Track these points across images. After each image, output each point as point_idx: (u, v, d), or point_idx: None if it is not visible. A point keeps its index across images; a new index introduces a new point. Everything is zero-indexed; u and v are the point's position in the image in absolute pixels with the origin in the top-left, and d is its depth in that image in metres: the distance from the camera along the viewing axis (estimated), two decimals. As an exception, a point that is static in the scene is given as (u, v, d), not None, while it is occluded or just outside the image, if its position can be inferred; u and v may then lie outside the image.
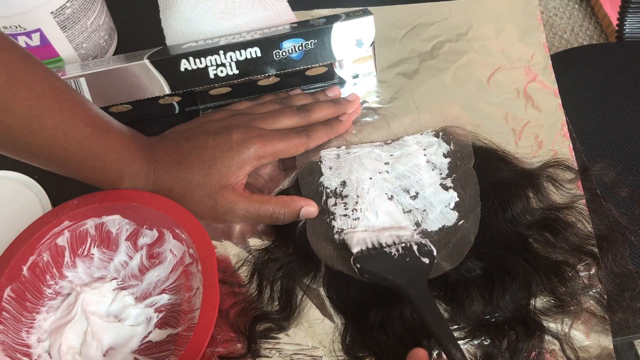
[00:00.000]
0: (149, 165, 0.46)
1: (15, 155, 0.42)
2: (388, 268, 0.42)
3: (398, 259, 0.43)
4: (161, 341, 0.44)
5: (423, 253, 0.43)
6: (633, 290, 0.43)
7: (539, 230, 0.46)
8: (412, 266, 0.43)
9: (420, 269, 0.43)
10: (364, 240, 0.45)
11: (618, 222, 0.46)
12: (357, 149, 0.52)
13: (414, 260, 0.43)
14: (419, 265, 0.43)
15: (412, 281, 0.41)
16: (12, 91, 0.38)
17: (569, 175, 0.49)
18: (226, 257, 0.48)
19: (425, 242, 0.44)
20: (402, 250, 0.43)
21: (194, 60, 0.52)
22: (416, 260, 0.43)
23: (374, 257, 0.43)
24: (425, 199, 0.48)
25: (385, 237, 0.45)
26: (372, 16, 0.53)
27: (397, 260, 0.43)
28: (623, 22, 1.00)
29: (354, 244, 0.44)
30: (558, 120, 0.54)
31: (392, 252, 0.43)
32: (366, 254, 0.44)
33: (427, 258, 0.43)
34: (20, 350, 0.42)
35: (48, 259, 0.45)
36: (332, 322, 0.45)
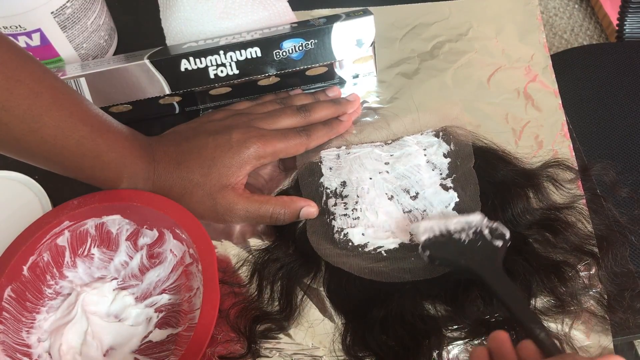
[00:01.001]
0: (148, 165, 0.46)
1: (14, 154, 0.42)
2: (459, 253, 0.42)
3: (469, 244, 0.42)
4: (161, 341, 0.44)
5: (495, 236, 0.42)
6: (633, 290, 0.43)
7: (539, 230, 0.46)
8: (484, 250, 0.42)
9: (492, 252, 0.42)
10: (431, 228, 0.44)
11: (618, 222, 0.46)
12: (357, 149, 0.52)
13: (486, 244, 0.42)
14: (491, 249, 0.42)
15: (485, 264, 0.41)
16: (10, 90, 0.38)
17: (569, 175, 0.49)
18: (226, 257, 0.48)
19: (496, 226, 0.43)
20: (473, 235, 0.43)
21: (194, 60, 0.52)
22: (488, 244, 0.42)
23: (443, 243, 0.43)
24: (425, 199, 0.48)
25: (454, 223, 0.44)
26: (372, 16, 0.53)
27: (467, 245, 0.42)
28: (623, 22, 1.00)
29: (421, 232, 0.44)
30: (558, 120, 0.54)
31: (462, 238, 0.43)
32: (435, 241, 0.43)
33: (500, 240, 0.42)
34: (21, 350, 0.42)
35: (48, 259, 0.45)
36: (332, 322, 0.45)
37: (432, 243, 0.43)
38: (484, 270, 0.40)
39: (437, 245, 0.43)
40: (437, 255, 0.43)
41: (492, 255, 0.42)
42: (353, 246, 0.46)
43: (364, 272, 0.45)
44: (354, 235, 0.47)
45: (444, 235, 0.44)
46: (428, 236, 0.44)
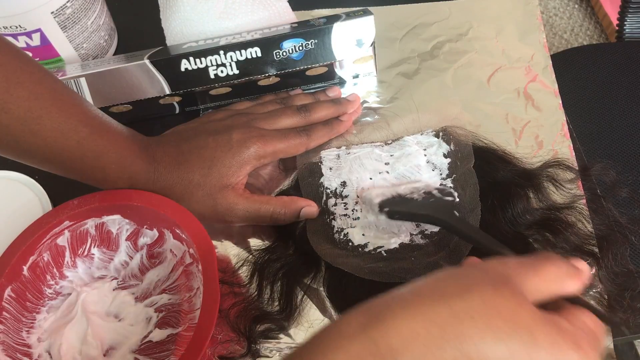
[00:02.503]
0: (149, 165, 0.46)
1: (14, 156, 0.42)
2: (416, 207, 0.44)
3: (422, 201, 0.45)
4: (161, 341, 0.44)
5: (445, 194, 0.46)
6: (633, 290, 0.43)
7: (539, 230, 0.46)
8: (438, 204, 0.45)
9: (446, 205, 0.45)
10: (382, 193, 0.46)
11: (618, 222, 0.46)
12: (357, 149, 0.52)
13: (438, 200, 0.45)
14: (444, 203, 0.45)
15: (443, 211, 0.43)
16: (9, 92, 0.38)
17: (569, 175, 0.49)
18: (226, 257, 0.48)
19: (444, 185, 0.46)
20: (424, 194, 0.45)
21: (194, 60, 0.52)
22: (440, 200, 0.45)
23: (399, 202, 0.45)
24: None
25: (402, 189, 0.46)
26: (372, 16, 0.53)
27: (421, 201, 0.45)
28: (623, 22, 1.00)
29: (374, 196, 0.46)
30: (558, 120, 0.54)
31: (414, 197, 0.45)
32: (391, 200, 0.45)
33: (450, 197, 0.45)
34: (21, 350, 0.42)
35: (48, 259, 0.45)
36: (332, 322, 0.45)
37: (388, 202, 0.45)
38: (444, 215, 0.43)
39: (393, 203, 0.45)
40: (395, 210, 0.44)
41: (445, 206, 0.45)
42: (353, 246, 0.46)
43: (364, 272, 0.45)
44: (354, 235, 0.47)
45: (396, 197, 0.46)
46: (381, 199, 0.45)
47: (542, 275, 0.30)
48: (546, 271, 0.30)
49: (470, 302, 0.27)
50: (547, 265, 0.31)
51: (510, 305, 0.28)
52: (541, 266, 0.30)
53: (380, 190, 0.47)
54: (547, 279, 0.30)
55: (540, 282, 0.30)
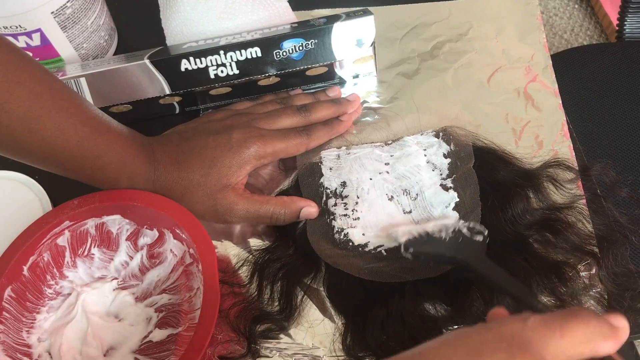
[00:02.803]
0: (149, 165, 0.46)
1: (14, 156, 0.42)
2: (443, 248, 0.43)
3: (450, 241, 0.43)
4: (161, 341, 0.44)
5: (474, 233, 0.44)
6: (634, 290, 0.43)
7: (539, 231, 0.46)
8: (465, 245, 0.43)
9: (474, 245, 0.43)
10: (409, 231, 0.45)
11: (618, 222, 0.46)
12: (357, 149, 0.52)
13: (467, 240, 0.43)
14: (472, 243, 0.43)
15: (470, 254, 0.42)
16: (10, 92, 0.38)
17: (569, 175, 0.49)
18: (226, 257, 0.48)
19: (474, 225, 0.44)
20: (452, 234, 0.44)
21: (195, 60, 0.52)
22: (469, 241, 0.43)
23: (425, 241, 0.43)
24: (425, 199, 0.48)
25: (431, 226, 0.45)
26: (372, 16, 0.53)
27: (449, 242, 0.43)
28: (623, 22, 1.00)
29: (400, 235, 0.44)
30: (558, 120, 0.54)
31: (442, 237, 0.44)
32: (417, 239, 0.44)
33: (480, 236, 0.44)
34: (21, 350, 0.42)
35: (48, 259, 0.45)
36: (332, 322, 0.45)
37: (414, 242, 0.44)
38: (470, 259, 0.41)
39: (419, 243, 0.44)
40: (421, 251, 0.43)
41: (475, 247, 0.43)
42: (353, 246, 0.46)
43: (364, 272, 0.45)
44: (354, 236, 0.47)
45: (423, 236, 0.44)
46: (408, 238, 0.44)
47: (569, 337, 0.27)
48: (574, 332, 0.27)
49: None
50: (575, 325, 0.27)
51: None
52: (569, 326, 0.27)
53: (407, 228, 0.45)
54: (575, 341, 0.27)
55: (567, 345, 0.27)
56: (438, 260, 0.43)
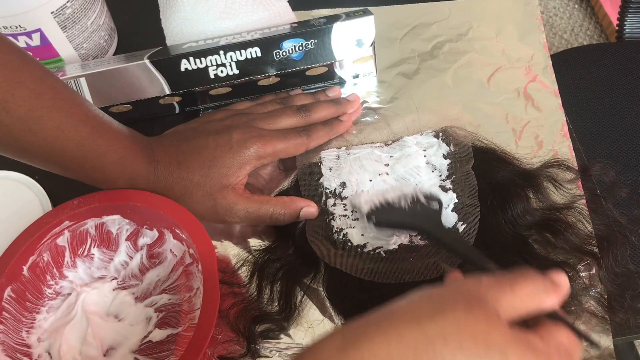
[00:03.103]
0: (149, 165, 0.46)
1: (15, 155, 0.42)
2: (403, 216, 0.46)
3: (410, 210, 0.46)
4: (161, 341, 0.44)
5: (431, 200, 0.46)
6: (634, 290, 0.43)
7: (539, 231, 0.46)
8: (424, 212, 0.46)
9: (431, 213, 0.46)
10: (370, 200, 0.47)
11: (618, 222, 0.46)
12: (357, 150, 0.52)
13: (425, 209, 0.46)
14: (430, 211, 0.46)
15: (428, 221, 0.45)
16: (10, 92, 0.38)
17: (569, 175, 0.49)
18: (226, 257, 0.48)
19: (430, 193, 0.47)
20: (411, 203, 0.46)
21: (194, 60, 0.52)
22: (426, 209, 0.46)
23: (387, 210, 0.46)
24: (425, 199, 0.48)
25: (390, 196, 0.47)
26: (372, 16, 0.53)
27: (409, 210, 0.46)
28: (623, 22, 1.00)
29: (362, 202, 0.47)
30: (558, 120, 0.54)
31: (402, 206, 0.46)
32: (379, 209, 0.46)
33: (436, 203, 0.46)
34: (21, 350, 0.42)
35: (48, 259, 0.45)
36: (332, 322, 0.45)
37: (377, 211, 0.46)
38: (429, 226, 0.44)
39: (381, 213, 0.46)
40: (382, 220, 0.46)
41: (432, 214, 0.46)
42: (352, 246, 0.46)
43: (362, 272, 0.45)
44: (353, 236, 0.47)
45: (384, 205, 0.46)
46: (370, 207, 0.46)
47: (518, 293, 0.30)
48: (522, 288, 0.30)
49: (442, 324, 0.28)
50: (522, 282, 0.30)
51: (483, 326, 0.28)
52: (517, 283, 0.30)
53: (369, 197, 0.47)
54: (522, 296, 0.30)
55: (516, 300, 0.30)
56: (399, 228, 0.46)
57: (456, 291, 0.30)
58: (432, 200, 0.46)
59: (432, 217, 0.45)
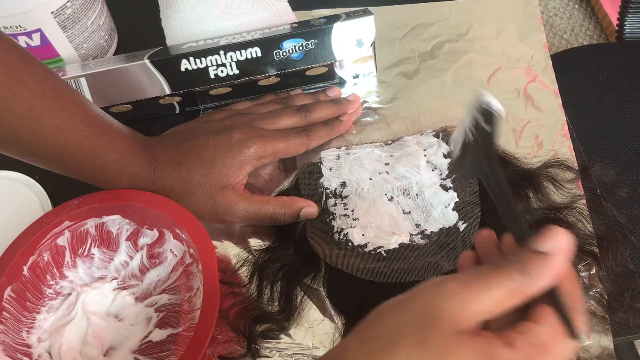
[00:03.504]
0: (149, 165, 0.46)
1: (15, 154, 0.42)
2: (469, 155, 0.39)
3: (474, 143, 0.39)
4: (161, 341, 0.44)
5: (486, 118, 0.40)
6: (633, 290, 0.43)
7: (539, 231, 0.46)
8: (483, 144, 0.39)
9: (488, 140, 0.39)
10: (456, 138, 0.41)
11: (618, 222, 0.46)
12: (357, 149, 0.52)
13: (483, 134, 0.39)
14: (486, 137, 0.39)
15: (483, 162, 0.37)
16: (12, 90, 0.38)
17: (569, 175, 0.49)
18: (226, 257, 0.48)
19: (484, 104, 0.40)
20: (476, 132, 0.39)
21: (195, 60, 0.52)
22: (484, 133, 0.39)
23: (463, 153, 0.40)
24: (425, 199, 0.48)
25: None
26: (372, 16, 0.53)
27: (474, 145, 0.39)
28: (623, 22, 1.00)
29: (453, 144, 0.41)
30: (558, 120, 0.54)
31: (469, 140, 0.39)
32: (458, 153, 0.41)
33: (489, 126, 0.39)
34: (21, 350, 0.42)
35: (48, 259, 0.45)
36: (332, 322, 0.45)
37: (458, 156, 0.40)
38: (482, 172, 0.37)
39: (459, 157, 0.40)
40: (464, 164, 0.39)
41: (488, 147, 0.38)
42: (353, 246, 0.46)
43: (363, 272, 0.45)
44: (354, 236, 0.47)
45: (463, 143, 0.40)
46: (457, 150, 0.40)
47: (491, 296, 0.27)
48: (496, 290, 0.27)
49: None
50: (497, 282, 0.27)
51: (437, 355, 0.26)
52: (490, 285, 0.27)
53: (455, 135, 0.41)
54: (498, 298, 0.27)
55: (488, 303, 0.27)
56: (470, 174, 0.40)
57: (411, 312, 0.28)
58: (486, 119, 0.39)
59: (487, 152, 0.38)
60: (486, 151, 0.39)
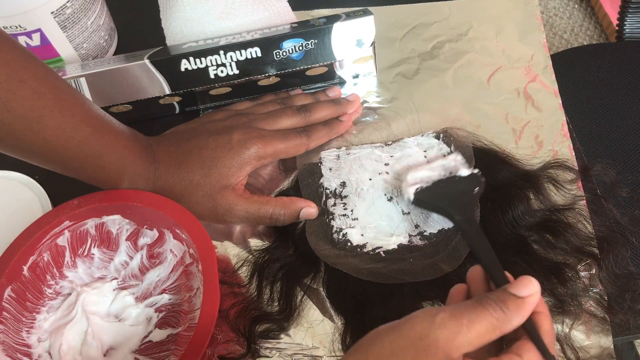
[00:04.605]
0: (149, 165, 0.46)
1: (16, 154, 0.42)
2: (441, 196, 0.46)
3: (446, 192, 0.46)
4: (161, 341, 0.44)
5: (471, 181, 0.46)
6: (634, 291, 0.43)
7: (539, 232, 0.46)
8: (462, 197, 0.46)
9: (470, 198, 0.46)
10: (420, 179, 0.47)
11: (619, 223, 0.46)
12: (357, 149, 0.52)
13: (464, 189, 0.46)
14: (465, 198, 0.46)
15: (460, 209, 0.44)
16: (12, 91, 0.38)
17: (569, 175, 0.49)
18: (226, 257, 0.48)
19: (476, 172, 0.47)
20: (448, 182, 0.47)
21: (194, 60, 0.52)
22: (466, 190, 0.46)
23: (428, 189, 0.47)
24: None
25: (437, 174, 0.47)
26: (372, 16, 0.53)
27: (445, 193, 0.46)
28: (623, 22, 1.00)
29: (410, 183, 0.47)
30: (558, 120, 0.54)
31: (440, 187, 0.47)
32: (422, 189, 0.47)
33: (476, 185, 0.46)
34: (21, 350, 0.42)
35: (48, 259, 0.45)
36: (332, 322, 0.45)
37: (420, 191, 0.47)
38: (459, 216, 0.44)
39: (423, 192, 0.47)
40: (424, 200, 0.46)
41: (468, 200, 0.46)
42: (352, 246, 0.46)
43: (362, 273, 0.45)
44: (353, 236, 0.47)
45: (431, 187, 0.47)
46: (416, 187, 0.47)
47: (475, 330, 0.30)
48: (479, 325, 0.30)
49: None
50: (480, 318, 0.30)
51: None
52: (473, 320, 0.30)
53: (419, 175, 0.47)
54: (479, 332, 0.30)
55: (472, 336, 0.30)
56: (435, 210, 0.46)
57: (407, 338, 0.30)
58: (472, 181, 0.46)
59: (465, 205, 0.45)
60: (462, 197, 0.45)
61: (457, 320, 0.30)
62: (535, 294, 0.32)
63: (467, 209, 0.44)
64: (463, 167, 0.47)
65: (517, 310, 0.31)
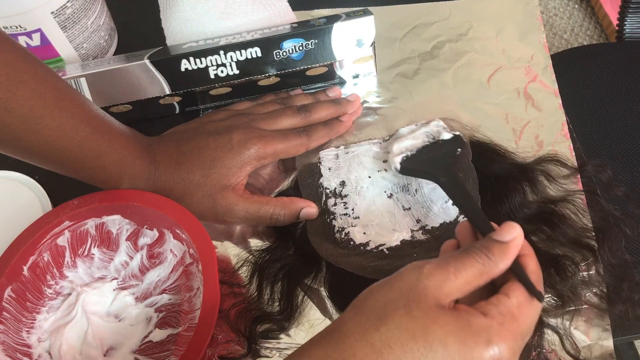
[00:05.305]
0: (149, 165, 0.46)
1: (16, 154, 0.42)
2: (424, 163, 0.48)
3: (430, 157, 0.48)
4: (161, 341, 0.44)
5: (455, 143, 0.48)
6: (631, 281, 0.43)
7: (536, 224, 0.46)
8: (444, 158, 0.48)
9: (450, 161, 0.47)
10: (405, 148, 0.49)
11: (613, 214, 0.46)
12: (356, 147, 0.52)
13: (447, 152, 0.48)
14: (449, 159, 0.47)
15: (444, 172, 0.45)
16: (12, 91, 0.38)
17: (563, 171, 0.49)
18: (226, 257, 0.48)
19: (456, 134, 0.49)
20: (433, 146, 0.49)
21: (195, 60, 0.52)
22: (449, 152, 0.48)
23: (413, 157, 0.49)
24: (424, 195, 0.48)
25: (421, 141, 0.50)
26: (372, 16, 0.53)
27: (429, 158, 0.48)
28: (623, 22, 1.00)
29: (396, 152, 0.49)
30: (558, 120, 0.54)
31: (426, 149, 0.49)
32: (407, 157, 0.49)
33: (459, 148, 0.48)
34: (21, 350, 0.42)
35: (48, 259, 0.45)
36: (332, 321, 0.45)
37: (406, 160, 0.48)
38: (443, 177, 0.45)
39: (409, 160, 0.48)
40: (410, 167, 0.48)
41: (453, 162, 0.47)
42: (354, 245, 0.46)
43: (366, 271, 0.45)
44: (355, 234, 0.47)
45: (414, 152, 0.49)
46: (402, 157, 0.48)
47: (462, 277, 0.31)
48: (465, 272, 0.32)
49: (385, 331, 0.30)
50: (466, 265, 0.32)
51: (422, 324, 0.30)
52: (459, 267, 0.32)
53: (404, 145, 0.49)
54: (466, 278, 0.32)
55: (460, 283, 0.31)
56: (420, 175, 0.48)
57: (398, 290, 0.32)
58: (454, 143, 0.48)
59: (449, 167, 0.46)
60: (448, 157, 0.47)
61: (444, 269, 0.32)
62: (518, 238, 0.33)
63: (451, 170, 0.45)
64: (445, 131, 0.49)
65: (501, 254, 0.32)
